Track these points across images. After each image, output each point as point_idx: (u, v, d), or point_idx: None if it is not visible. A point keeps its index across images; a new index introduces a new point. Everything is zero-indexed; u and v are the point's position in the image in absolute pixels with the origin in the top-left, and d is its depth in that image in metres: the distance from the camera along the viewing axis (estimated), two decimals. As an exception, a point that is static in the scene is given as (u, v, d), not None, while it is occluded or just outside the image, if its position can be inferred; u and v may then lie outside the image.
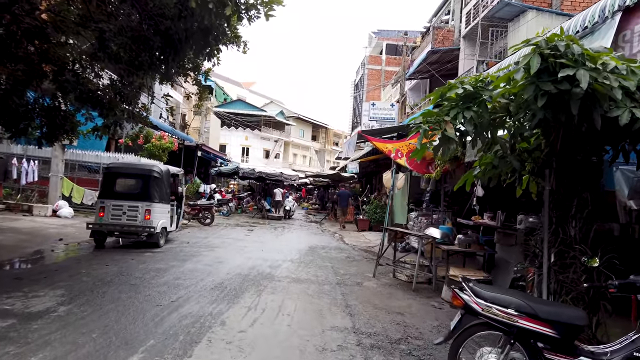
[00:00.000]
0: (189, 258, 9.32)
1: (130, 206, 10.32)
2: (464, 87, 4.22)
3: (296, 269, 8.99)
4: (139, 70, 8.73)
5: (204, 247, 11.16)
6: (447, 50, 19.53)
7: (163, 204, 10.81)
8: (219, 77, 61.04)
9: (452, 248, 7.85)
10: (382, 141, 11.09)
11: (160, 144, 17.26)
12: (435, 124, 4.19)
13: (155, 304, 5.64)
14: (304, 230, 18.01)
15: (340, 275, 8.70)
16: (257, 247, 11.76)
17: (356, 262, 10.65)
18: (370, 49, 46.06)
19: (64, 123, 9.81)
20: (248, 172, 22.96)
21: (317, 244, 13.46)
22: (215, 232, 14.76)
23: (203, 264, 8.75)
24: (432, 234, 8.15)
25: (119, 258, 8.79)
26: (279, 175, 23.05)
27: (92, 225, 10.21)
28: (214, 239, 13.01)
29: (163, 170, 10.85)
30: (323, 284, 7.68)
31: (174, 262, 8.69)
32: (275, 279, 7.74)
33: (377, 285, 8.08)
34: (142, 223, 10.26)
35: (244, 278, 7.63)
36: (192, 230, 15.06)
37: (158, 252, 9.84)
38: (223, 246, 11.55)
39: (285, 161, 59.40)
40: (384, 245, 9.19)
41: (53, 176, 14.85)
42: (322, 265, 9.64)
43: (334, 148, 73.62)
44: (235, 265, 8.86)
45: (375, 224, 18.35)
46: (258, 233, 15.52)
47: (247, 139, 55.19)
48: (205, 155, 29.20)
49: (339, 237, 16.26)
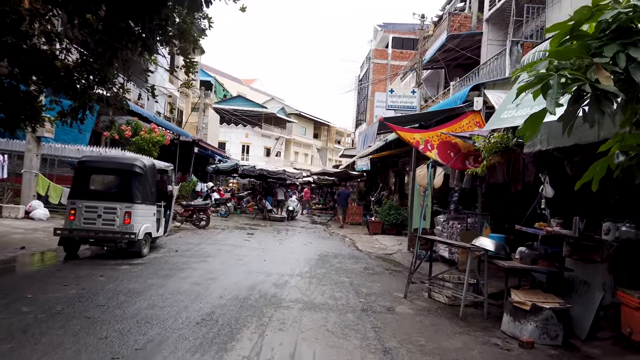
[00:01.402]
0: (174, 273, 7.53)
1: (107, 208, 8.54)
2: (620, 9, 2.42)
3: (307, 287, 7.21)
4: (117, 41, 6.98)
5: (195, 256, 9.37)
6: (467, 35, 17.75)
7: (147, 205, 9.03)
8: (218, 74, 59.37)
9: (515, 265, 6.05)
10: (408, 131, 9.32)
11: (150, 137, 15.48)
12: (576, 71, 2.38)
13: (110, 356, 3.85)
14: (310, 234, 16.22)
15: (363, 295, 6.91)
16: (258, 257, 9.98)
17: (377, 275, 8.86)
18: (376, 43, 44.34)
19: (23, 107, 8.05)
20: (248, 169, 21.19)
21: (328, 251, 11.68)
22: (210, 237, 12.97)
23: (191, 281, 6.96)
24: (483, 245, 6.36)
25: (85, 274, 6.99)
26: (281, 173, 21.28)
27: (60, 231, 8.45)
28: (208, 245, 11.22)
29: (147, 166, 9.07)
30: (345, 311, 5.90)
31: (154, 280, 6.90)
32: (283, 305, 5.95)
33: (413, 311, 6.30)
34: (121, 228, 8.49)
35: (241, 304, 5.85)
36: (185, 234, 13.28)
37: (138, 265, 8.05)
38: (218, 255, 9.76)
39: (286, 159, 57.68)
40: (415, 258, 7.39)
41: (26, 172, 13.07)
42: (338, 281, 7.85)
43: (336, 146, 71.93)
44: (231, 283, 7.07)
45: (388, 226, 16.59)
46: (259, 238, 13.74)
47: (247, 136, 53.48)
48: (202, 152, 27.43)
49: (350, 242, 14.48)
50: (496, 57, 13.99)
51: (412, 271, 7.23)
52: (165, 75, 29.55)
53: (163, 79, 29.32)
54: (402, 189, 23.47)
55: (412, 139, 9.02)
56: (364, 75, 46.90)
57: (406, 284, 7.22)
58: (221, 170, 22.28)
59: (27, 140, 13.11)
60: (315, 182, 29.91)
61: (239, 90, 59.34)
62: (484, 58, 17.32)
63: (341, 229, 18.52)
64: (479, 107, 9.31)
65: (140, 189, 8.79)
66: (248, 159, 49.23)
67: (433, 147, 9.10)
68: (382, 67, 42.68)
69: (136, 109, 16.17)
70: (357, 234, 16.91)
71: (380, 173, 25.20)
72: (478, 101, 9.30)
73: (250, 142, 53.50)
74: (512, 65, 12.63)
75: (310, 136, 66.54)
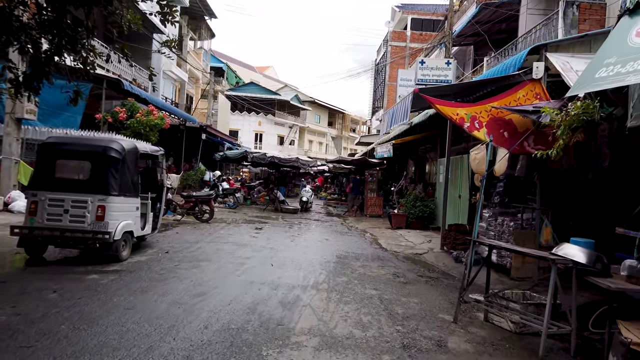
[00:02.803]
0: (152, 286, 5.85)
1: (76, 201, 6.90)
2: None
3: (325, 306, 5.46)
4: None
5: (187, 260, 7.69)
6: (502, 3, 15.65)
7: (127, 197, 7.36)
8: (231, 61, 57.65)
9: (627, 287, 4.20)
10: (450, 105, 7.46)
11: (147, 120, 13.83)
12: None
13: None
14: (326, 228, 14.48)
15: (399, 320, 5.15)
16: (264, 259, 8.27)
17: (412, 285, 7.08)
18: (394, 24, 42.14)
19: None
20: (258, 157, 19.49)
21: (347, 251, 9.93)
22: (212, 233, 11.31)
23: (171, 299, 5.27)
24: (570, 256, 4.53)
25: (34, 289, 5.34)
26: (294, 160, 19.54)
27: (18, 230, 6.84)
28: (207, 244, 9.55)
29: (127, 149, 7.37)
30: (380, 351, 4.14)
31: (122, 297, 5.24)
32: (292, 342, 4.21)
33: (472, 346, 4.51)
34: (93, 226, 6.84)
35: (232, 340, 4.13)
36: (183, 229, 11.64)
37: (111, 273, 6.41)
38: (216, 258, 8.08)
39: (300, 148, 56.03)
40: (469, 270, 5.56)
41: (5, 159, 11.54)
42: (364, 296, 6.10)
43: (352, 135, 70.05)
44: (224, 301, 5.36)
45: (413, 220, 14.77)
46: (268, 233, 12.04)
47: (260, 124, 51.85)
48: (211, 139, 25.79)
49: (371, 238, 12.71)
50: (544, 22, 11.96)
51: (465, 287, 5.43)
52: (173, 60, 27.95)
53: (170, 62, 27.72)
54: (423, 178, 21.62)
55: (454, 115, 7.17)
56: (381, 59, 44.79)
57: (456, 304, 5.43)
58: (229, 158, 20.61)
59: (5, 123, 11.56)
60: (331, 171, 28.12)
61: (252, 77, 57.66)
62: (522, 30, 15.26)
63: (359, 222, 16.75)
64: (540, 74, 7.40)
65: (118, 177, 7.11)
66: (261, 147, 47.63)
67: (481, 124, 7.25)
68: (401, 50, 40.61)
69: (133, 89, 14.53)
70: (377, 227, 15.14)
71: (398, 161, 23.31)
72: (538, 67, 7.39)
73: (263, 130, 51.89)
74: (566, 31, 10.63)
75: (324, 124, 64.72)
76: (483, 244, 5.96)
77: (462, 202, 11.87)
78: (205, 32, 36.37)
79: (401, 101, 8.11)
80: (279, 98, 52.39)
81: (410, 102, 7.41)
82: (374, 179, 20.06)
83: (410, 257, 9.92)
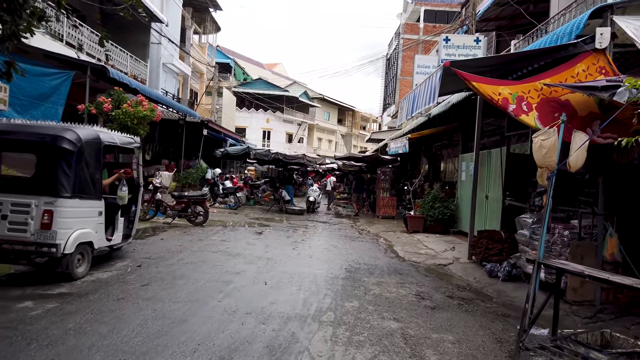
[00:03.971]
0: (97, 320, 4.36)
1: (16, 204, 5.46)
2: None
3: (330, 353, 3.93)
4: None
5: (160, 277, 6.20)
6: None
7: (85, 199, 5.91)
8: (240, 57, 56.27)
9: None
10: (489, 82, 5.88)
11: (135, 112, 12.38)
12: None
13: None
14: (334, 232, 12.94)
15: (435, 376, 3.62)
16: (258, 274, 6.77)
17: (442, 312, 5.52)
18: (406, 16, 40.48)
19: None
20: (262, 153, 18.01)
21: (359, 261, 8.41)
22: (203, 239, 9.85)
23: (110, 346, 3.74)
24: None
25: None
26: (300, 157, 18.03)
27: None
28: (192, 253, 8.07)
29: (84, 139, 5.90)
30: None
31: (46, 342, 3.75)
32: None
33: None
34: (37, 236, 5.40)
35: None
36: (171, 234, 10.19)
37: (51, 299, 4.93)
38: (197, 274, 6.58)
39: (309, 146, 54.57)
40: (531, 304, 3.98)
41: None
42: (382, 333, 4.56)
43: (361, 132, 68.42)
44: (187, 348, 3.83)
45: (432, 222, 13.20)
46: (268, 239, 10.54)
47: (268, 121, 50.50)
48: (214, 135, 24.35)
49: (385, 244, 11.16)
50: (563, 13, 10.31)
51: (527, 327, 3.87)
52: (173, 52, 26.59)
53: (172, 55, 26.37)
54: (438, 177, 20.03)
55: (496, 96, 5.61)
56: (392, 53, 43.16)
57: (513, 352, 3.87)
58: (231, 155, 19.15)
59: (-30, 114, 10.18)
60: (340, 169, 26.58)
61: (260, 74, 56.26)
62: (554, 10, 13.59)
63: (370, 224, 15.19)
64: (605, 43, 5.81)
65: (71, 174, 5.65)
66: (269, 145, 46.26)
67: (530, 107, 5.70)
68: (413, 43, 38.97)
69: (121, 78, 13.11)
70: (392, 231, 13.59)
71: (410, 159, 21.72)
72: (603, 34, 5.79)
73: (271, 128, 50.52)
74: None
75: (334, 121, 63.18)
76: (552, 267, 4.35)
77: (490, 203, 10.28)
78: (210, 25, 35.01)
79: (426, 80, 6.54)
80: (287, 94, 50.95)
81: (439, 79, 5.84)
82: (386, 177, 18.48)
83: (434, 269, 8.36)
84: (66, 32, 14.86)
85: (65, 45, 14.89)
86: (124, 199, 6.76)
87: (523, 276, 7.26)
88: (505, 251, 7.95)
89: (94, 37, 16.49)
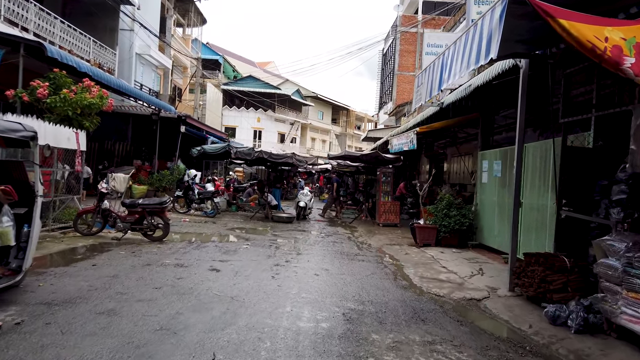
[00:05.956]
0: None
1: None
2: None
3: None
4: None
5: (31, 350, 3.77)
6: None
7: None
8: (230, 55, 53.73)
9: None
10: (587, 20, 3.50)
11: (78, 99, 9.92)
12: None
13: None
14: (327, 247, 10.51)
15: None
16: (206, 334, 4.32)
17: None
18: (404, 8, 38.31)
19: None
20: (244, 152, 15.54)
21: (362, 299, 5.98)
22: (152, 264, 7.39)
23: None
24: None
25: None
26: (289, 156, 15.60)
27: None
28: (120, 292, 5.60)
29: None
30: None
31: None
32: None
33: None
34: None
35: None
36: (113, 257, 7.73)
37: None
38: (100, 341, 4.15)
39: (302, 146, 52.25)
40: None
41: None
42: None
43: (356, 132, 66.20)
44: None
45: (447, 234, 10.84)
46: (242, 261, 8.11)
47: (259, 120, 48.13)
48: (193, 133, 21.96)
49: (392, 264, 8.75)
50: None
51: None
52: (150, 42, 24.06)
53: (148, 46, 23.83)
54: (441, 179, 17.84)
55: (599, 42, 3.21)
56: (389, 48, 40.88)
57: None
58: (209, 154, 16.66)
59: None
60: (335, 170, 24.18)
61: (251, 72, 53.85)
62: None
63: (371, 234, 12.79)
64: None
65: None
66: (260, 145, 43.83)
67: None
68: (412, 37, 36.92)
69: (64, 58, 10.65)
70: (397, 244, 11.20)
71: (409, 159, 19.43)
72: None
73: (262, 127, 48.15)
74: None
75: (328, 121, 60.87)
76: None
77: (526, 212, 7.91)
78: (195, 17, 32.49)
79: (471, 28, 4.15)
80: (279, 92, 48.54)
81: (501, 16, 3.45)
82: (388, 178, 16.11)
83: (465, 307, 5.96)
84: (4, 7, 12.34)
85: (5, 22, 12.40)
86: (6, 235, 4.33)
87: (606, 325, 4.89)
88: (571, 286, 5.57)
89: (45, 16, 14.01)
